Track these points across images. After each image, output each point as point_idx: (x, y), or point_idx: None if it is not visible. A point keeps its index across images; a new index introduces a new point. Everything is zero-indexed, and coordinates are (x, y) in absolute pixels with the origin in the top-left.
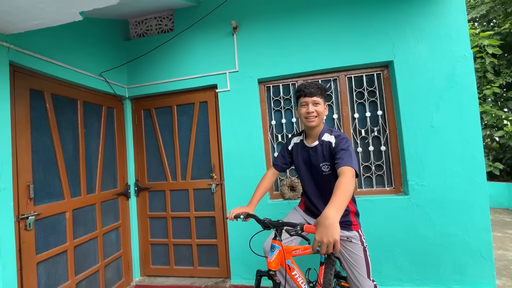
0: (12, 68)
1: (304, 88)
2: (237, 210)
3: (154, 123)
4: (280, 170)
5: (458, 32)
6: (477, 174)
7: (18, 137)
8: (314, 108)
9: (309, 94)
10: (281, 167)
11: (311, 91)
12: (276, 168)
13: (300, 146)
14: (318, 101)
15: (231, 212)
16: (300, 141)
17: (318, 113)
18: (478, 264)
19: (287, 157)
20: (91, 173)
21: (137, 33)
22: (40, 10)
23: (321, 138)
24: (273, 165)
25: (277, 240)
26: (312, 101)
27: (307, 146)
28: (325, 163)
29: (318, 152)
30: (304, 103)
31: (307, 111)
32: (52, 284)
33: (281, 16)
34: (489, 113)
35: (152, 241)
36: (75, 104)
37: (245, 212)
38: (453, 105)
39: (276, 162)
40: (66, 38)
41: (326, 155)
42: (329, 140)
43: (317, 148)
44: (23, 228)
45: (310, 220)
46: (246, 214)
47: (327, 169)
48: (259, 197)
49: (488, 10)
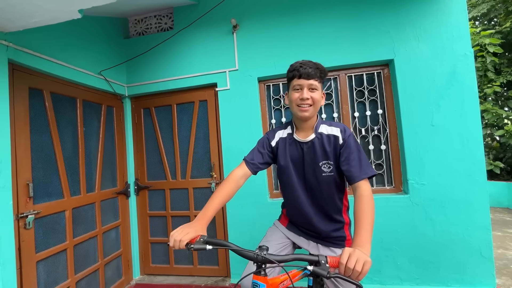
0: (11, 66)
1: (299, 67)
2: (184, 236)
3: (153, 121)
4: (254, 170)
5: (459, 30)
6: (477, 173)
7: (18, 135)
8: (310, 94)
9: (305, 75)
10: (257, 166)
11: (308, 72)
12: (250, 168)
13: (289, 142)
14: (316, 86)
15: (177, 239)
16: (288, 135)
17: (314, 101)
18: (478, 263)
19: (266, 155)
20: (91, 172)
21: (137, 32)
22: (38, 8)
23: (318, 131)
24: (246, 163)
25: (261, 276)
26: (308, 84)
27: (298, 141)
28: (326, 162)
29: (316, 148)
30: (298, 87)
31: (300, 97)
32: (52, 282)
33: (281, 15)
34: (489, 112)
35: (152, 240)
36: (75, 102)
37: (200, 237)
38: (454, 104)
39: (251, 160)
40: (66, 36)
41: (329, 151)
42: (332, 134)
43: (314, 143)
44: (23, 226)
45: (294, 237)
46: (205, 240)
47: (329, 169)
48: (218, 207)
49: (489, 9)
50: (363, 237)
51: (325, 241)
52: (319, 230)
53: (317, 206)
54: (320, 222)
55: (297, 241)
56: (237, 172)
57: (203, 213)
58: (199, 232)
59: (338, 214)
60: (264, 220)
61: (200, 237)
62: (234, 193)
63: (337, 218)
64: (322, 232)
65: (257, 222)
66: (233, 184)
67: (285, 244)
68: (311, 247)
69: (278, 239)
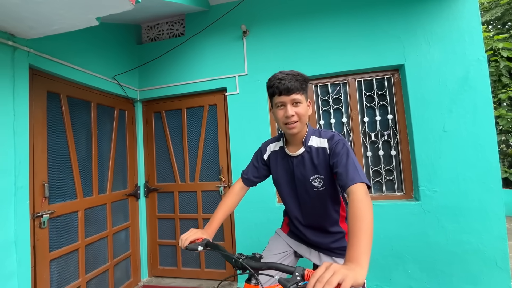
0: (31, 71)
1: (278, 83)
2: (192, 235)
3: (164, 125)
4: (250, 185)
5: (471, 35)
6: (492, 181)
7: (35, 137)
8: (294, 109)
9: (285, 91)
10: (252, 181)
11: (288, 87)
12: (246, 183)
13: (280, 156)
14: (299, 99)
15: (183, 239)
16: (280, 149)
17: (299, 116)
18: (493, 274)
19: (261, 169)
20: (103, 174)
21: (149, 38)
22: (59, 16)
23: (308, 144)
24: (242, 178)
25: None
26: (291, 100)
27: (289, 155)
28: (317, 176)
29: (305, 162)
30: (280, 104)
31: (285, 115)
32: (64, 281)
33: (290, 20)
34: (504, 118)
35: (160, 242)
36: (89, 106)
37: (202, 240)
38: (467, 109)
39: (246, 176)
40: (82, 42)
41: (318, 164)
42: (321, 146)
43: (303, 157)
44: (38, 226)
45: (295, 246)
46: (205, 243)
47: (320, 184)
48: (222, 218)
49: (503, 13)
50: (355, 250)
51: (327, 251)
52: (317, 243)
53: (312, 221)
54: (316, 236)
55: (298, 249)
56: (236, 186)
57: (209, 223)
58: (204, 236)
59: (335, 226)
60: (272, 224)
61: (202, 239)
62: (236, 204)
63: (335, 230)
64: (321, 244)
65: (264, 226)
66: (234, 197)
67: (286, 254)
68: (312, 256)
69: (280, 248)
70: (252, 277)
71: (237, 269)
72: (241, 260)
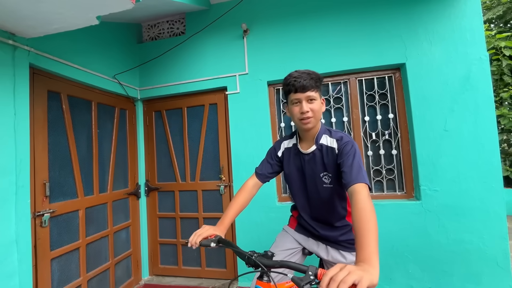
0: (32, 70)
1: (294, 81)
2: (204, 232)
3: (164, 124)
4: (264, 180)
5: (473, 34)
6: (493, 180)
7: (36, 136)
8: (309, 106)
9: (300, 88)
10: (266, 177)
11: (303, 85)
12: (260, 179)
13: (293, 152)
14: (313, 96)
15: (196, 235)
16: (293, 146)
17: (314, 112)
18: (494, 274)
19: (275, 165)
20: (104, 173)
21: (150, 37)
22: (60, 15)
23: (319, 142)
24: (256, 174)
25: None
26: (306, 97)
27: (301, 152)
28: (326, 173)
29: (316, 160)
30: (296, 101)
31: (300, 111)
32: (65, 280)
33: (291, 19)
34: (506, 117)
35: (161, 241)
36: (90, 105)
37: (215, 236)
38: (468, 108)
39: (260, 171)
40: (82, 41)
41: (327, 162)
42: (330, 145)
43: (315, 155)
44: (39, 225)
45: (303, 240)
46: (218, 239)
47: (328, 181)
48: (234, 215)
49: (505, 11)
50: (365, 251)
51: (335, 244)
52: (325, 236)
53: (320, 215)
54: (325, 230)
55: (306, 244)
56: (249, 182)
57: (222, 220)
58: (217, 232)
59: (341, 220)
60: (272, 223)
61: (215, 236)
62: (248, 201)
63: (342, 225)
64: (329, 237)
65: (265, 225)
66: (247, 194)
67: (294, 251)
68: (320, 249)
69: (287, 245)
70: (264, 275)
71: (249, 266)
72: (254, 258)
